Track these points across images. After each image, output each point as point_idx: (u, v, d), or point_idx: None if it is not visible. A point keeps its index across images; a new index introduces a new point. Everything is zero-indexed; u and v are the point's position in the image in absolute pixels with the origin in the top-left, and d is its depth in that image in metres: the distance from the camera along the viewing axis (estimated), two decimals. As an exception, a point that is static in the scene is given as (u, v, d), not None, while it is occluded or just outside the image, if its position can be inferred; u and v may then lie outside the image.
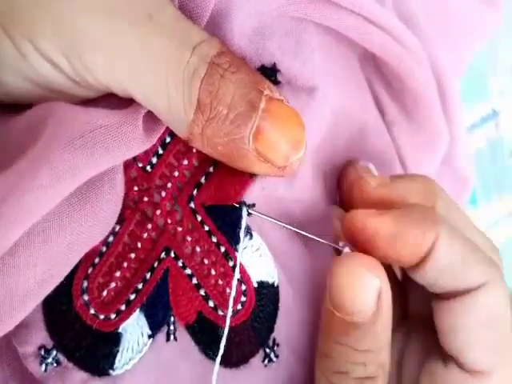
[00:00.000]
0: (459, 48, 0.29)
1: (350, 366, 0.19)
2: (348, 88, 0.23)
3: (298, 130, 0.18)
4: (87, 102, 0.19)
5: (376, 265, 0.19)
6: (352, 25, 0.21)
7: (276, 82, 0.21)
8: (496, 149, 0.49)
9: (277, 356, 0.22)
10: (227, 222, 0.21)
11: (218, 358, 0.21)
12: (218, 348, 0.21)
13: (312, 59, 0.21)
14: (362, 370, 0.19)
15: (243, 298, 0.22)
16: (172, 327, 0.22)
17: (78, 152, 0.16)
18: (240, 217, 0.21)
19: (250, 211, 0.21)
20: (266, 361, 0.22)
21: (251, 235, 0.21)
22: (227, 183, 0.21)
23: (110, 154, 0.17)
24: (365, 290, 0.19)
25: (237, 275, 0.21)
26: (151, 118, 0.19)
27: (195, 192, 0.21)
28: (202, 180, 0.21)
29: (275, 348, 0.22)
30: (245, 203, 0.21)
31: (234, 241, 0.21)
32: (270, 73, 0.21)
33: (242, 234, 0.21)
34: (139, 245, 0.21)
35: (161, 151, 0.21)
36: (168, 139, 0.21)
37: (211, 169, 0.21)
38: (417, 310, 0.23)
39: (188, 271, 0.21)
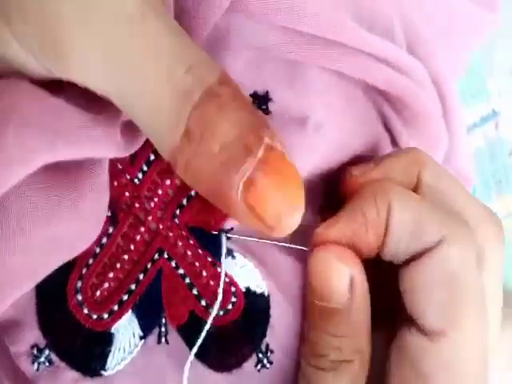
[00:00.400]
0: (458, 48, 0.29)
1: (327, 350, 0.20)
2: (347, 116, 0.23)
3: (297, 191, 0.16)
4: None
5: (348, 255, 0.20)
6: (353, 64, 0.21)
7: (267, 112, 0.21)
8: (496, 148, 0.49)
9: (270, 362, 0.22)
10: (210, 242, 0.21)
11: (194, 350, 0.21)
12: (209, 349, 0.22)
13: (309, 90, 0.21)
14: (338, 354, 0.20)
15: (233, 299, 0.22)
16: (163, 329, 0.22)
17: (37, 138, 0.15)
18: (221, 242, 0.21)
19: (228, 236, 0.21)
20: (259, 366, 0.22)
21: (233, 256, 0.22)
22: (207, 211, 0.21)
23: (72, 147, 0.16)
24: (336, 278, 0.19)
25: (220, 294, 0.21)
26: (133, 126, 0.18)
27: (178, 212, 0.21)
28: (184, 202, 0.21)
29: (269, 354, 0.22)
30: (223, 230, 0.21)
31: (217, 258, 0.22)
32: (262, 101, 0.21)
33: (222, 260, 0.21)
34: (132, 247, 0.22)
35: (145, 168, 0.21)
36: (152, 157, 0.21)
37: (192, 192, 0.21)
38: None
39: (181, 271, 0.22)
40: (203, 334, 0.21)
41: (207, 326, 0.21)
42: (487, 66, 0.44)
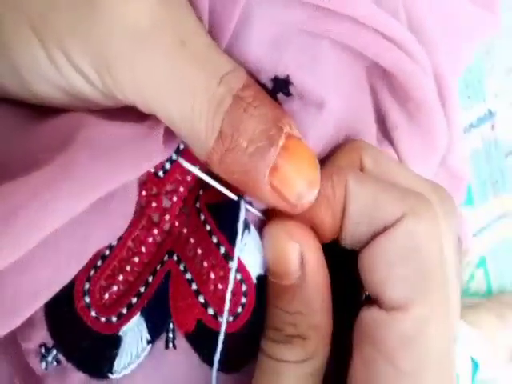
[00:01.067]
0: (458, 48, 0.29)
1: (282, 325, 0.20)
2: (352, 103, 0.23)
3: (314, 171, 0.19)
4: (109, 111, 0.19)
5: (300, 231, 0.20)
6: (368, 41, 0.21)
7: (288, 94, 0.21)
8: (491, 149, 0.50)
9: None
10: (228, 220, 0.21)
11: (215, 366, 0.21)
12: (219, 356, 0.21)
13: (326, 76, 0.21)
14: (293, 330, 0.20)
15: (243, 300, 0.21)
16: (171, 335, 0.21)
17: (101, 165, 0.16)
18: (239, 212, 0.21)
19: (247, 207, 0.21)
20: None
21: (249, 229, 0.21)
22: (229, 186, 0.21)
23: (133, 167, 0.17)
24: (284, 254, 0.20)
25: (232, 275, 0.21)
26: (170, 129, 0.19)
27: (201, 192, 0.21)
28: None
29: None
30: (243, 197, 0.21)
31: (233, 239, 0.21)
32: (282, 84, 0.21)
33: (240, 226, 0.21)
34: (143, 249, 0.21)
35: (174, 157, 0.21)
36: (181, 146, 0.21)
37: None
38: None
39: (188, 276, 0.21)
40: (218, 350, 0.21)
41: (220, 342, 0.21)
42: (484, 66, 0.45)
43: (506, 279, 0.55)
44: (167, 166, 0.21)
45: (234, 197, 0.21)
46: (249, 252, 0.21)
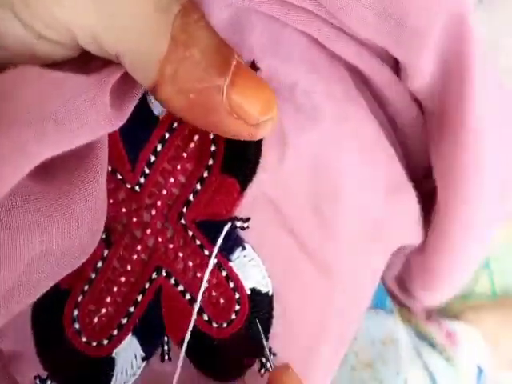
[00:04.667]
0: None
1: None
2: (334, 85, 0.23)
3: (270, 93, 0.18)
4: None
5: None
6: (323, 32, 0.21)
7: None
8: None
9: (273, 366, 0.22)
10: (218, 235, 0.21)
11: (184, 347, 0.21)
12: (213, 362, 0.22)
13: (292, 56, 0.21)
14: None
15: (237, 307, 0.21)
16: (166, 347, 0.21)
17: (25, 129, 0.15)
18: (233, 230, 0.21)
19: (244, 226, 0.21)
20: (263, 370, 0.22)
21: (244, 247, 0.21)
22: (217, 201, 0.21)
23: (65, 132, 0.16)
24: None
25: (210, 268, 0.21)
26: (119, 91, 0.18)
27: (184, 209, 0.21)
28: (191, 198, 0.21)
29: (271, 357, 0.22)
30: (237, 218, 0.21)
31: (226, 252, 0.21)
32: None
33: (218, 243, 0.21)
34: (129, 267, 0.21)
35: (147, 171, 0.21)
36: (153, 158, 0.21)
37: (198, 186, 0.21)
38: None
39: (181, 287, 0.21)
40: (189, 330, 0.21)
41: (191, 324, 0.21)
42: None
43: (510, 280, 0.54)
44: (141, 180, 0.21)
45: None
46: (243, 266, 0.21)
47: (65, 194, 0.18)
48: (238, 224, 0.21)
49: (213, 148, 0.21)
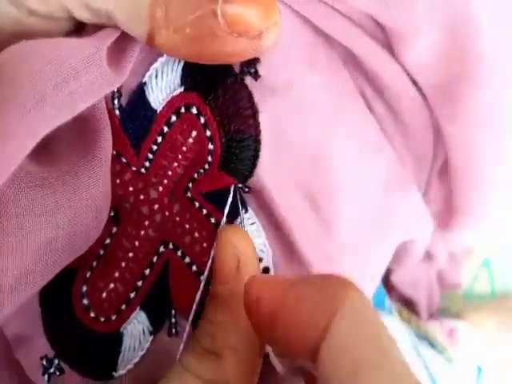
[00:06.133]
0: None
1: (202, 334, 0.19)
2: (331, 78, 0.23)
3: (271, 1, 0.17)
4: None
5: (242, 237, 0.20)
6: (319, 12, 0.21)
7: (256, 76, 0.21)
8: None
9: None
10: (224, 202, 0.21)
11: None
12: None
13: (289, 49, 0.21)
14: (209, 343, 0.18)
15: None
16: (174, 320, 0.21)
17: (26, 99, 0.15)
18: (236, 194, 0.21)
19: (246, 189, 0.21)
20: None
21: (247, 209, 0.21)
22: (221, 178, 0.21)
23: (65, 95, 0.16)
24: (223, 254, 0.19)
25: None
26: (116, 52, 0.18)
27: (190, 184, 0.21)
28: (196, 176, 0.21)
29: None
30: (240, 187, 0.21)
31: (230, 216, 0.21)
32: (251, 63, 0.20)
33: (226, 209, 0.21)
34: (137, 243, 0.21)
35: (151, 156, 0.21)
36: (155, 147, 0.21)
37: (201, 170, 0.21)
38: None
39: (188, 259, 0.21)
40: (197, 299, 0.21)
41: (198, 295, 0.21)
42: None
43: (509, 279, 0.54)
44: (146, 164, 0.21)
45: None
46: (245, 229, 0.21)
47: (70, 182, 0.18)
48: (240, 185, 0.21)
49: (210, 146, 0.21)
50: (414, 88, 0.24)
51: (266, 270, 0.22)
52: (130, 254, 0.21)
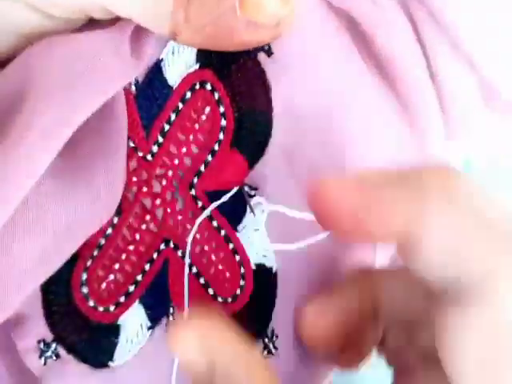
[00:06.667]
0: None
1: None
2: (345, 58, 0.22)
3: None
4: None
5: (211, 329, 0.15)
6: None
7: (270, 53, 0.21)
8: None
9: (276, 348, 0.22)
10: (229, 204, 0.21)
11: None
12: None
13: (304, 28, 0.21)
14: None
15: (242, 282, 0.22)
16: (172, 318, 0.22)
17: (60, 95, 0.16)
18: (242, 198, 0.21)
19: (251, 193, 0.21)
20: (265, 352, 0.22)
21: (254, 214, 0.22)
22: (227, 173, 0.21)
23: (98, 95, 0.17)
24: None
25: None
26: (136, 41, 0.19)
27: (195, 180, 0.21)
28: (202, 168, 0.21)
29: (274, 339, 0.22)
30: (246, 184, 0.21)
31: (234, 222, 0.21)
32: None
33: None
34: (138, 237, 0.21)
35: (161, 139, 0.21)
36: (167, 127, 0.21)
37: (209, 157, 0.21)
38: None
39: (187, 261, 0.21)
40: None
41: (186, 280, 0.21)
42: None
43: None
44: (154, 148, 0.21)
45: None
46: (248, 237, 0.22)
47: (88, 168, 0.18)
48: (246, 188, 0.21)
49: (223, 123, 0.21)
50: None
51: (270, 271, 0.22)
52: (131, 247, 0.21)
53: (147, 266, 0.21)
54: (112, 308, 0.21)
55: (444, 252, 0.13)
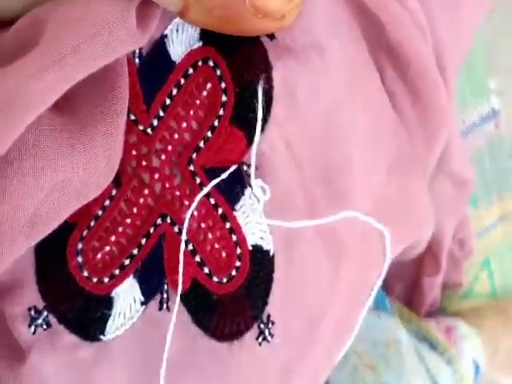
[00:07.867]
0: (461, 20, 0.27)
1: None
2: (351, 51, 0.23)
3: None
4: None
5: None
6: None
7: (272, 37, 0.21)
8: (495, 149, 0.50)
9: (272, 335, 0.22)
10: (227, 182, 0.21)
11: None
12: (211, 318, 0.21)
13: (312, 16, 0.21)
14: None
15: (238, 263, 0.22)
16: (165, 295, 0.21)
17: (68, 59, 0.17)
18: (241, 178, 0.21)
19: (250, 172, 0.21)
20: (261, 338, 0.22)
21: (255, 194, 0.21)
22: (226, 149, 0.21)
23: (103, 58, 0.17)
24: None
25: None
26: (142, 13, 0.19)
27: (194, 155, 0.21)
28: (201, 144, 0.21)
29: (270, 326, 0.22)
30: (244, 163, 0.21)
31: (232, 201, 0.21)
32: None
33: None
34: (135, 210, 0.21)
35: (161, 113, 0.21)
36: (168, 101, 0.21)
37: (209, 134, 0.21)
38: None
39: (184, 237, 0.21)
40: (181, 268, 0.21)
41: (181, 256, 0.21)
42: (488, 64, 0.45)
43: (509, 279, 0.54)
44: (155, 122, 0.21)
45: None
46: (246, 216, 0.21)
47: (87, 129, 0.18)
48: (245, 168, 0.21)
49: (224, 98, 0.21)
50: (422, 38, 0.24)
51: (267, 253, 0.22)
52: (128, 220, 0.21)
53: (143, 241, 0.21)
54: (106, 280, 0.21)
55: None
